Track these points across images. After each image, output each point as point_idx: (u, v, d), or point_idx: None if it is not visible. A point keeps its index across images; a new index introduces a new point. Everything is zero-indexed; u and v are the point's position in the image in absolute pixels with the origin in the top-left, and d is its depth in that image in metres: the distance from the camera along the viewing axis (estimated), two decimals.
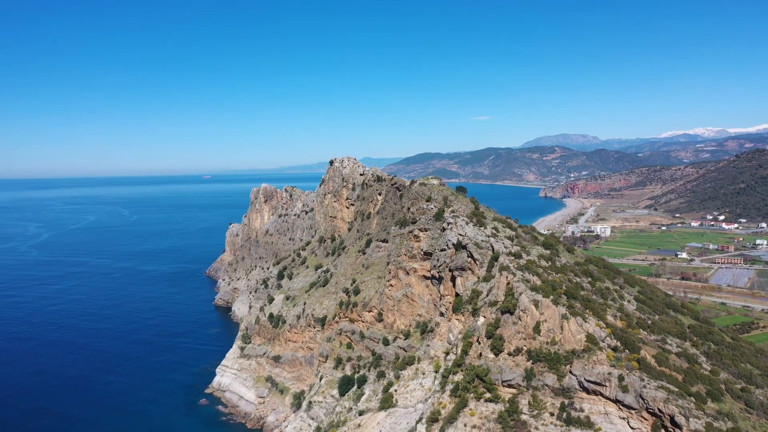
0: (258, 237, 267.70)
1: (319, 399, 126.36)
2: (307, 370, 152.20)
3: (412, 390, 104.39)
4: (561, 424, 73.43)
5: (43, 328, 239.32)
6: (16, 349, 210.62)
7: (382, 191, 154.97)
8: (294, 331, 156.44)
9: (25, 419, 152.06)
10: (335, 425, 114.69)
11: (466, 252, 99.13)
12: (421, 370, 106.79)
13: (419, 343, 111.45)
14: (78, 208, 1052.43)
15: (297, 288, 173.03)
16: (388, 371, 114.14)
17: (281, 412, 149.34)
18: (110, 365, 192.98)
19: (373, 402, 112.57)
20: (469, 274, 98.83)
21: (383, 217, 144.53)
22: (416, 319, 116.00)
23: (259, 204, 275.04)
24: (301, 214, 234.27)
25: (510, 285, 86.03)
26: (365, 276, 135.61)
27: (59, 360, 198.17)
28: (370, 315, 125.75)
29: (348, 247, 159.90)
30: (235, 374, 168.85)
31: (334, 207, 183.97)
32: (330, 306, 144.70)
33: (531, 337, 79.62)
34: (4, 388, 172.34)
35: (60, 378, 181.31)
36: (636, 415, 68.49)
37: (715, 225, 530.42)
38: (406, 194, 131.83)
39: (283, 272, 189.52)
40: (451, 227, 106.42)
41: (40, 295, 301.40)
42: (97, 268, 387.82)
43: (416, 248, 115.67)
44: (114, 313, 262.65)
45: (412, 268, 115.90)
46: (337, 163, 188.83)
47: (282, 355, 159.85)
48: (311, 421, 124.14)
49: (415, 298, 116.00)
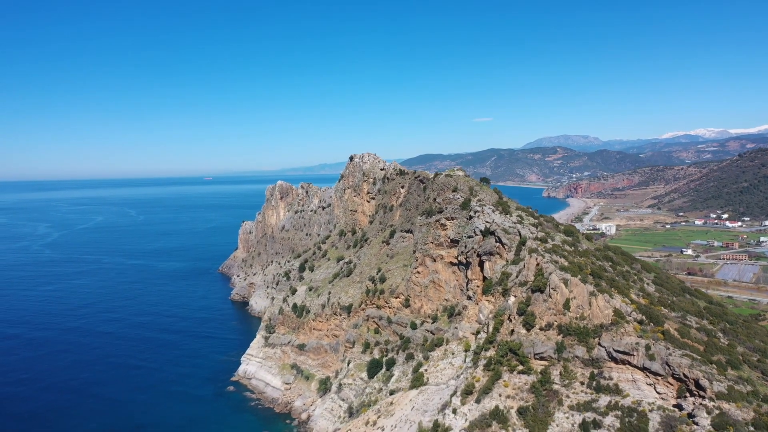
0: (274, 233, 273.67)
1: (349, 381, 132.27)
2: (332, 356, 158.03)
3: (442, 369, 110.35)
4: (591, 391, 79.31)
5: (68, 320, 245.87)
6: (58, 339, 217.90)
7: (405, 184, 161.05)
8: (319, 319, 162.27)
9: (74, 400, 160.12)
10: (366, 404, 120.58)
11: (494, 237, 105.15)
12: (450, 350, 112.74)
13: (447, 326, 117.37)
14: (84, 208, 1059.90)
15: (319, 279, 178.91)
16: (417, 353, 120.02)
17: (308, 397, 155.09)
18: (138, 353, 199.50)
19: (403, 382, 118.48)
20: (497, 258, 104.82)
21: (407, 208, 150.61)
22: (443, 303, 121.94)
23: (274, 201, 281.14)
24: (318, 210, 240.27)
25: (539, 266, 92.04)
26: (390, 265, 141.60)
27: (97, 348, 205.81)
28: (397, 301, 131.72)
29: (371, 238, 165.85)
30: (260, 362, 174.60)
31: (354, 201, 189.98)
32: (355, 294, 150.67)
33: (561, 313, 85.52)
34: (60, 373, 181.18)
35: (102, 365, 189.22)
36: (662, 380, 74.32)
37: (719, 223, 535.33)
38: (430, 186, 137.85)
39: (305, 265, 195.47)
40: (478, 215, 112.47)
41: (59, 290, 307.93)
42: (112, 265, 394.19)
43: (443, 236, 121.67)
44: (133, 307, 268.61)
45: (439, 255, 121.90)
46: (357, 159, 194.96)
47: (306, 344, 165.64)
48: (342, 402, 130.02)
49: (442, 283, 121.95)
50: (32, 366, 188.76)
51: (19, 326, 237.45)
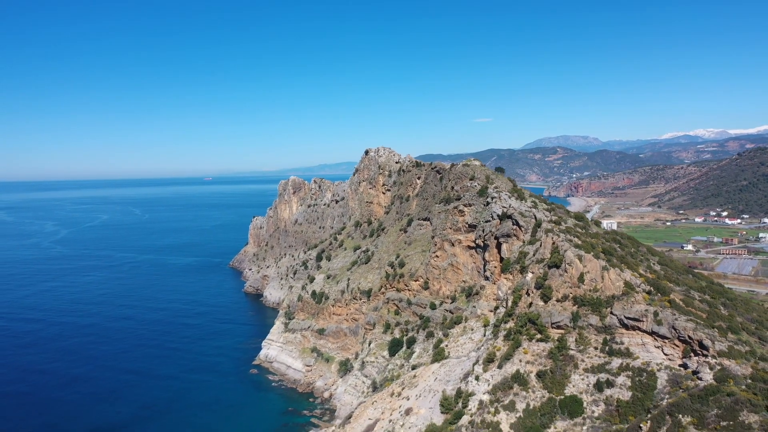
0: (287, 227, 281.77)
1: (371, 359, 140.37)
2: (352, 339, 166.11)
3: (462, 343, 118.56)
4: (604, 355, 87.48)
5: (92, 308, 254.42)
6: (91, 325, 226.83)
7: (421, 175, 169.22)
8: (338, 305, 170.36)
9: (120, 377, 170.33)
10: (390, 379, 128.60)
11: (512, 221, 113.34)
12: (469, 327, 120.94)
13: (465, 305, 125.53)
14: (88, 207, 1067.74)
15: (337, 267, 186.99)
16: (437, 331, 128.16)
17: (329, 377, 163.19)
18: (160, 340, 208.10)
19: (424, 358, 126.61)
20: (514, 240, 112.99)
21: (423, 198, 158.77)
22: (461, 285, 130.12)
23: (287, 195, 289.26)
24: (331, 204, 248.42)
25: (555, 244, 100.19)
26: (408, 251, 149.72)
27: (121, 334, 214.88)
28: (417, 284, 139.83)
29: (387, 227, 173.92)
30: (281, 347, 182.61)
31: (369, 193, 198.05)
32: (375, 280, 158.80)
33: (576, 286, 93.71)
34: (104, 356, 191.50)
35: (130, 348, 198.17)
36: (669, 343, 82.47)
37: (719, 221, 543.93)
38: (447, 176, 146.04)
39: (322, 255, 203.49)
40: (495, 201, 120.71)
41: (78, 283, 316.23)
42: (124, 260, 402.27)
43: (461, 222, 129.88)
44: (150, 298, 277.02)
45: (457, 240, 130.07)
46: (373, 153, 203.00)
47: (326, 328, 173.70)
48: (365, 378, 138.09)
49: (460, 266, 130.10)
50: (81, 350, 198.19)
51: (54, 315, 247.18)
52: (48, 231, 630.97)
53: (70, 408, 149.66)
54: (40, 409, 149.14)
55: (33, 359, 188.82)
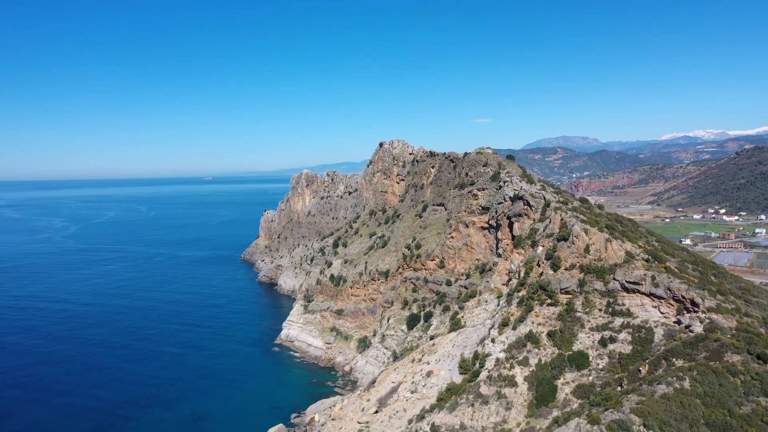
0: (300, 218, 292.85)
1: (391, 333, 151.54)
2: (370, 318, 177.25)
3: (477, 314, 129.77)
4: (607, 316, 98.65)
5: (114, 298, 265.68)
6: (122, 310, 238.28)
7: (435, 164, 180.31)
8: (356, 286, 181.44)
9: (154, 351, 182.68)
10: (409, 349, 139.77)
11: (523, 201, 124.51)
12: (483, 299, 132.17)
13: (479, 281, 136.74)
14: (93, 205, 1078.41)
15: (354, 253, 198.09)
16: (453, 305, 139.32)
17: (348, 354, 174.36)
18: (184, 322, 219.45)
19: (442, 329, 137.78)
20: (525, 219, 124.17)
21: (438, 185, 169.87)
22: (475, 263, 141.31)
23: (300, 188, 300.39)
24: (344, 195, 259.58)
25: (563, 220, 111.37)
26: (424, 234, 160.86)
27: (145, 318, 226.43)
28: (433, 263, 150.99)
29: (403, 214, 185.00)
30: (301, 327, 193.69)
31: (384, 183, 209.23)
32: (392, 261, 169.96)
33: (582, 256, 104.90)
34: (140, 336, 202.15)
35: (155, 329, 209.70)
36: (665, 303, 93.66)
37: (717, 218, 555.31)
38: (461, 164, 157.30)
39: (338, 242, 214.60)
40: (507, 184, 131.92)
41: (97, 274, 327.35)
42: (137, 253, 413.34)
43: (474, 205, 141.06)
44: (168, 287, 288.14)
45: (471, 221, 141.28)
46: (387, 145, 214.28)
47: (344, 309, 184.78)
48: (385, 350, 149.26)
49: (474, 245, 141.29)
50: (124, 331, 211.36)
51: (84, 299, 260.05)
52: (57, 227, 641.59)
53: (118, 374, 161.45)
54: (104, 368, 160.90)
55: (98, 334, 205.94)
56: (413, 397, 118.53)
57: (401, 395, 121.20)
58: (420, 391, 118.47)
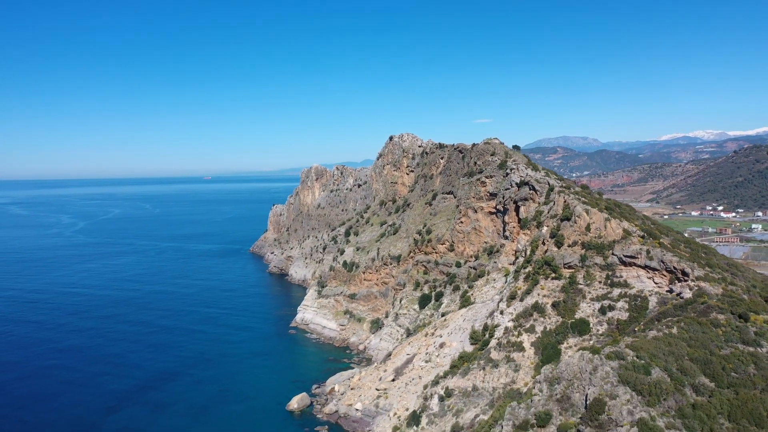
0: (309, 211, 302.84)
1: (404, 312, 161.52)
2: (382, 301, 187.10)
3: (486, 291, 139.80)
4: (606, 287, 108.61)
5: (135, 285, 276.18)
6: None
7: (444, 155, 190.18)
8: (369, 271, 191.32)
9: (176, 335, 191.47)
10: (422, 326, 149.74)
11: (529, 186, 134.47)
12: (491, 278, 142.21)
13: (488, 262, 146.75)
14: (98, 203, 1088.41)
15: (366, 241, 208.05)
16: (462, 284, 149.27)
17: (362, 334, 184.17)
18: (201, 307, 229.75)
19: (452, 306, 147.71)
20: (530, 202, 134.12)
21: (447, 175, 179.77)
22: (483, 245, 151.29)
23: (310, 182, 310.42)
24: (353, 188, 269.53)
25: (566, 202, 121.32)
26: (434, 220, 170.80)
27: (161, 305, 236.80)
28: (443, 247, 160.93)
29: (413, 203, 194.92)
30: (315, 311, 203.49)
31: (394, 175, 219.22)
32: (403, 247, 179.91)
33: (584, 234, 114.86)
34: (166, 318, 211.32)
35: (171, 315, 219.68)
36: (658, 274, 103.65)
37: (714, 214, 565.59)
38: (469, 154, 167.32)
39: (350, 231, 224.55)
40: (514, 171, 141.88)
41: (113, 265, 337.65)
42: (148, 247, 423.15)
43: (483, 191, 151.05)
44: (182, 277, 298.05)
45: (480, 207, 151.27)
46: (397, 138, 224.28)
47: (357, 293, 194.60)
48: (399, 328, 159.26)
49: (482, 229, 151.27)
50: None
51: (103, 288, 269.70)
52: (65, 223, 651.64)
53: (142, 352, 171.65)
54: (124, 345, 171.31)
55: (124, 313, 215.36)
56: (427, 366, 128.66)
57: (416, 365, 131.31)
58: (434, 361, 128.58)
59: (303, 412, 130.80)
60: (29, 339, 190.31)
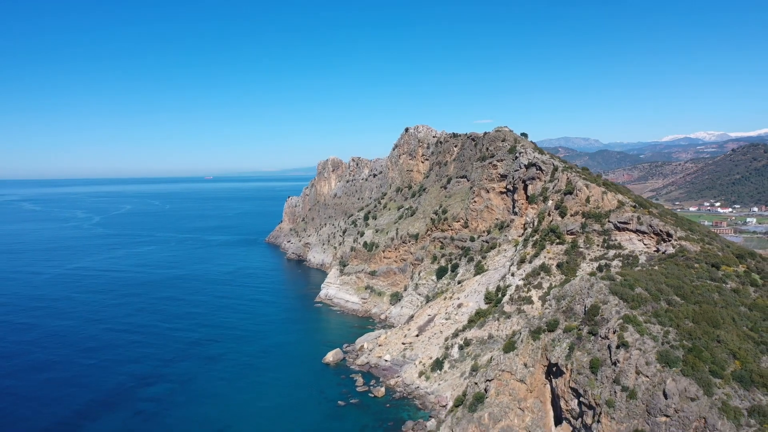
0: (326, 201, 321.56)
1: (423, 282, 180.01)
2: (400, 276, 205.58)
3: (498, 260, 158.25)
4: (603, 249, 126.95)
5: (163, 269, 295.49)
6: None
7: (458, 144, 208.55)
8: (388, 250, 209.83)
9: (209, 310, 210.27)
10: (440, 293, 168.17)
11: (536, 167, 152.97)
12: (502, 249, 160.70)
13: (499, 235, 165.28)
14: (108, 200, 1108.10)
15: (384, 223, 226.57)
16: (476, 256, 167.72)
17: (382, 306, 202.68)
18: (228, 290, 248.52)
19: (467, 275, 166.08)
20: (537, 181, 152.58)
21: (461, 161, 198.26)
22: (494, 222, 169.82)
23: (326, 173, 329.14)
24: (369, 178, 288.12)
25: (569, 179, 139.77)
26: (450, 201, 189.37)
27: (198, 287, 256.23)
28: (458, 224, 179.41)
29: (428, 188, 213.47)
30: (338, 287, 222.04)
31: (409, 163, 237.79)
32: (421, 226, 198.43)
33: (584, 205, 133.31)
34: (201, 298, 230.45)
35: (208, 294, 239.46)
36: (647, 236, 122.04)
37: (712, 210, 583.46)
38: (481, 141, 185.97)
39: (368, 215, 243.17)
40: (522, 155, 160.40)
41: (138, 254, 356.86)
42: (167, 238, 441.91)
43: (494, 173, 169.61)
44: (205, 263, 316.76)
45: (491, 187, 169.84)
46: (412, 129, 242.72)
47: (377, 269, 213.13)
48: (418, 296, 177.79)
49: (494, 207, 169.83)
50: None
51: (134, 272, 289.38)
52: (81, 217, 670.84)
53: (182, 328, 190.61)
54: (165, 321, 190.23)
55: (163, 291, 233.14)
56: (447, 322, 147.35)
57: (437, 322, 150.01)
58: (453, 318, 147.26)
59: (338, 364, 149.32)
60: (112, 306, 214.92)
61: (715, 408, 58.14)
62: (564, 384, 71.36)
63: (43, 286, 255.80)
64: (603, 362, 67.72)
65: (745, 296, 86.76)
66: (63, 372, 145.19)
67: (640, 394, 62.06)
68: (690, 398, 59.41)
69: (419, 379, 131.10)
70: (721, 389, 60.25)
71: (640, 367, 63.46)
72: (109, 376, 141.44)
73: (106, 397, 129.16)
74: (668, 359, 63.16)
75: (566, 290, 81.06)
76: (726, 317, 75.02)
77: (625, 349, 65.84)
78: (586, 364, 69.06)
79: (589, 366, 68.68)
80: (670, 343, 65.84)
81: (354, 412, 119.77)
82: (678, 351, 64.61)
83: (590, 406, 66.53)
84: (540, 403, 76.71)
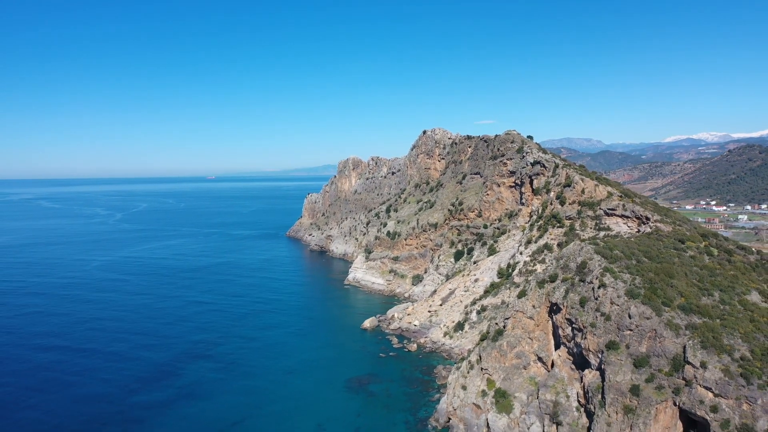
0: (347, 196, 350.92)
1: (442, 263, 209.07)
2: (421, 261, 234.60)
3: (508, 243, 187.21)
4: (595, 231, 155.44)
5: (199, 260, 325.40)
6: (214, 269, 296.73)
7: (472, 145, 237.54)
8: (410, 238, 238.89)
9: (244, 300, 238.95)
10: (458, 272, 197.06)
11: (540, 164, 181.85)
12: (511, 234, 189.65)
13: (508, 223, 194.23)
14: (120, 198, 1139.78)
15: (405, 215, 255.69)
16: (489, 240, 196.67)
17: (405, 287, 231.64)
18: (265, 277, 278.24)
19: (482, 256, 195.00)
20: (541, 176, 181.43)
21: (474, 159, 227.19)
22: (504, 211, 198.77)
23: (347, 171, 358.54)
24: (387, 176, 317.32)
25: (568, 174, 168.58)
26: (465, 195, 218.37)
27: (237, 274, 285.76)
28: (473, 214, 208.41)
29: (445, 183, 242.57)
30: (365, 271, 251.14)
31: (427, 162, 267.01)
32: (439, 217, 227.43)
33: (580, 195, 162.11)
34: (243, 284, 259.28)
35: (243, 282, 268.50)
36: (630, 220, 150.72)
37: (707, 208, 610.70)
38: (493, 142, 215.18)
39: (390, 208, 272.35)
40: (529, 154, 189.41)
41: (172, 246, 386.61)
42: (192, 232, 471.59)
43: (504, 170, 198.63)
44: (236, 255, 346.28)
45: (502, 182, 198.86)
46: (429, 132, 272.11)
47: (400, 255, 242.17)
48: (439, 275, 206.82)
49: (504, 199, 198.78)
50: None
51: (173, 259, 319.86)
52: (103, 214, 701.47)
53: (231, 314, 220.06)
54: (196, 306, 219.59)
55: (204, 278, 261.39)
56: (466, 294, 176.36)
57: (457, 294, 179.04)
58: (471, 290, 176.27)
59: (374, 329, 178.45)
60: (181, 287, 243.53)
61: (663, 323, 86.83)
62: (561, 317, 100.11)
63: (107, 269, 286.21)
64: (588, 299, 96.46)
65: (700, 261, 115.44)
66: (157, 335, 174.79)
67: (613, 317, 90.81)
68: (646, 317, 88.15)
69: (444, 338, 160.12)
70: (668, 313, 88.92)
71: (613, 299, 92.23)
72: (192, 335, 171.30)
73: (193, 349, 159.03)
74: (633, 294, 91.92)
75: (563, 253, 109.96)
76: (680, 272, 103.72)
77: (604, 289, 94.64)
78: (577, 301, 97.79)
79: (579, 302, 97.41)
80: (636, 285, 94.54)
81: (393, 361, 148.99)
82: (641, 290, 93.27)
83: (579, 329, 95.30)
84: (544, 334, 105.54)
